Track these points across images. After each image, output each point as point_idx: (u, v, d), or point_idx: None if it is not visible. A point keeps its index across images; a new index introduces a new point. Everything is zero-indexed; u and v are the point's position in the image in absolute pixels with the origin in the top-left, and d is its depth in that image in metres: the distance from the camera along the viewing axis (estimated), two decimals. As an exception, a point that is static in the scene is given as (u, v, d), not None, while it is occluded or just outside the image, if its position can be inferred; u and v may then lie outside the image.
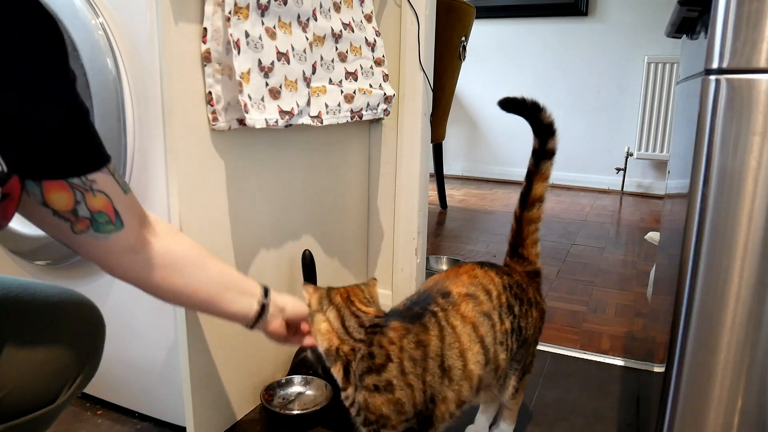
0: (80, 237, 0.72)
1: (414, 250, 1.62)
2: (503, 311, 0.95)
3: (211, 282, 0.85)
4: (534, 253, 1.08)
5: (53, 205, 0.68)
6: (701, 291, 0.74)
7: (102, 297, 1.13)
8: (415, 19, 1.47)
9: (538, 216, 1.07)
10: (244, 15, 0.99)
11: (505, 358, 0.96)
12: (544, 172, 1.05)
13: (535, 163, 1.04)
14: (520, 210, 1.07)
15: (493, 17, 3.96)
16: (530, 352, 1.04)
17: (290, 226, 1.31)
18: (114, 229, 0.73)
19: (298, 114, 1.12)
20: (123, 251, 0.75)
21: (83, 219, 0.71)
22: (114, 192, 0.72)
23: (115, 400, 1.22)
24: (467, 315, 0.88)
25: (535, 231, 1.08)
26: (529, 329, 1.01)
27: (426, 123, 1.57)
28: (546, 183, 1.06)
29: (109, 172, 0.72)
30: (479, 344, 0.88)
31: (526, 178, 1.05)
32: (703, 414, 0.78)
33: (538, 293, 1.06)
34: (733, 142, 0.70)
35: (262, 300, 0.88)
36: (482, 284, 0.94)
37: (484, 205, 3.45)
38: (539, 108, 1.02)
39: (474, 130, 4.30)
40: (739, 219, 0.71)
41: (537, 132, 1.03)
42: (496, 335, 0.91)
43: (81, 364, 0.76)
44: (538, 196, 1.06)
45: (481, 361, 0.88)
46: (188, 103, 0.98)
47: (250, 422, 1.20)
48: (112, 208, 0.72)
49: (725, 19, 0.68)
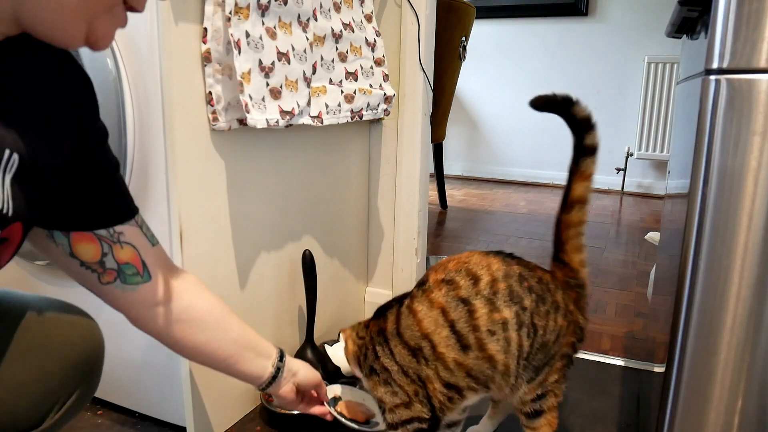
0: (107, 288, 0.72)
1: (414, 250, 1.62)
2: (499, 299, 0.88)
3: (231, 341, 0.84)
4: (577, 260, 0.98)
5: (81, 256, 0.69)
6: (701, 291, 0.74)
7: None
8: (415, 19, 1.47)
9: (579, 219, 0.97)
10: (245, 15, 0.99)
11: (499, 350, 0.88)
12: (584, 171, 0.96)
13: (575, 160, 0.97)
14: (560, 212, 0.98)
15: (494, 17, 3.95)
16: (554, 367, 0.93)
17: (290, 226, 1.31)
18: (141, 281, 0.73)
19: (298, 114, 1.12)
20: (148, 303, 0.75)
21: (110, 270, 0.71)
22: (141, 244, 0.73)
23: (116, 400, 1.22)
24: (436, 300, 0.90)
25: (575, 236, 0.98)
26: (549, 334, 0.91)
27: (426, 123, 1.57)
28: (588, 183, 0.97)
29: (137, 224, 0.73)
30: (448, 328, 0.89)
31: (567, 178, 0.98)
32: (703, 414, 0.78)
33: (574, 304, 0.95)
34: (733, 142, 0.70)
35: (277, 363, 0.89)
36: (468, 270, 0.91)
37: (484, 205, 3.45)
38: (572, 102, 0.95)
39: (474, 130, 4.30)
40: (740, 219, 0.71)
41: (572, 127, 0.97)
42: (476, 322, 0.88)
43: (72, 386, 0.71)
44: (577, 197, 0.97)
45: (454, 345, 0.89)
46: (188, 103, 0.98)
47: (250, 422, 1.20)
48: (139, 260, 0.73)
49: (725, 19, 0.68)
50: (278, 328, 1.31)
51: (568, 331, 0.93)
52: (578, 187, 0.96)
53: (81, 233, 0.68)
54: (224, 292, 1.13)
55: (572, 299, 0.95)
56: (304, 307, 1.34)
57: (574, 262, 0.98)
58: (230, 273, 1.14)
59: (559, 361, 0.94)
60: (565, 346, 0.94)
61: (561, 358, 0.94)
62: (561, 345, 0.93)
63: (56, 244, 0.68)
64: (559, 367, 0.94)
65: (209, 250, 1.08)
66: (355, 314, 1.66)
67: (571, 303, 0.95)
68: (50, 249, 0.69)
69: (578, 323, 0.96)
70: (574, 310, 0.95)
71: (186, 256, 1.02)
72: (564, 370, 0.95)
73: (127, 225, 0.71)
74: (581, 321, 0.96)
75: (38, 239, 0.69)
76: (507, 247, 2.62)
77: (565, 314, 0.93)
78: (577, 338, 0.96)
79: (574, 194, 0.97)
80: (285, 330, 1.33)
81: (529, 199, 3.61)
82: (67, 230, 0.67)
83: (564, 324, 0.92)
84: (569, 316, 0.94)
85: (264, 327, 1.25)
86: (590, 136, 0.95)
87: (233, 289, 1.15)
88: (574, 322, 0.95)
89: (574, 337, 0.95)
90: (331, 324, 1.52)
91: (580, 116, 0.95)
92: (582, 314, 0.97)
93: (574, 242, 0.98)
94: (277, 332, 1.30)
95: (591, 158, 0.96)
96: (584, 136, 0.95)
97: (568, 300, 0.94)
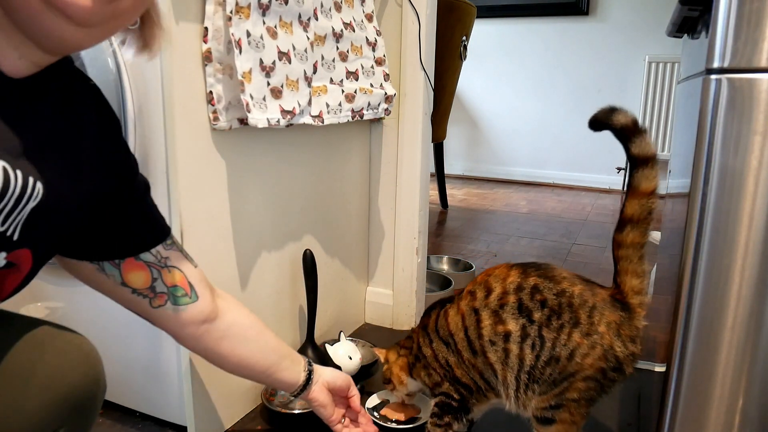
0: (158, 311, 0.76)
1: (415, 249, 1.62)
2: (506, 311, 0.92)
3: (270, 352, 0.92)
4: (630, 284, 0.89)
5: (132, 284, 0.73)
6: (702, 290, 0.74)
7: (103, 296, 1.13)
8: (416, 19, 1.47)
9: (633, 241, 0.88)
10: (246, 14, 0.99)
11: (497, 360, 0.93)
12: (637, 186, 0.86)
13: (629, 173, 0.88)
14: (614, 229, 0.90)
15: (494, 17, 3.95)
16: (574, 386, 0.89)
17: (291, 225, 1.31)
18: (189, 301, 0.78)
19: (299, 113, 1.12)
20: (197, 322, 0.80)
21: (161, 294, 0.75)
22: (186, 266, 0.78)
23: (117, 399, 1.22)
24: (461, 308, 0.99)
25: (629, 258, 0.89)
26: (560, 348, 0.88)
27: (427, 122, 1.57)
28: (643, 200, 0.86)
29: (177, 248, 0.78)
30: (463, 332, 0.98)
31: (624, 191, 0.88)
32: (703, 413, 0.78)
33: (608, 327, 0.87)
34: (734, 141, 0.70)
35: (308, 368, 0.96)
36: (487, 283, 0.97)
37: (485, 205, 3.44)
38: (612, 110, 0.87)
39: (475, 129, 4.29)
40: (740, 219, 0.71)
41: (617, 137, 0.87)
42: (481, 332, 0.94)
43: (59, 421, 0.62)
44: (629, 215, 0.88)
45: (467, 348, 0.98)
46: (189, 102, 0.98)
47: (251, 421, 1.20)
48: (186, 281, 0.78)
49: (726, 19, 0.68)
50: (279, 327, 1.31)
51: (592, 352, 0.87)
52: (631, 205, 0.88)
53: (130, 262, 0.72)
54: (225, 291, 1.13)
55: (609, 321, 0.88)
56: (304, 306, 1.34)
57: (627, 285, 0.90)
58: (231, 272, 1.14)
59: (581, 381, 0.88)
60: (589, 369, 0.87)
61: (584, 379, 0.88)
62: (582, 366, 0.87)
63: (107, 276, 0.72)
64: (581, 388, 0.89)
65: (210, 250, 1.08)
66: (355, 314, 1.66)
67: (604, 325, 0.87)
68: (101, 281, 0.73)
69: (613, 350, 0.87)
70: (606, 333, 0.87)
71: (187, 256, 1.02)
72: (588, 394, 0.89)
73: (171, 250, 0.76)
74: (617, 349, 0.87)
75: (88, 274, 0.72)
76: (507, 247, 2.63)
77: (587, 333, 0.87)
78: (609, 365, 0.87)
79: (626, 212, 0.88)
80: (286, 329, 1.33)
81: (529, 199, 3.61)
82: (107, 258, 0.71)
83: (582, 342, 0.87)
84: (594, 338, 0.87)
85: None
86: (636, 144, 0.85)
87: (234, 289, 1.15)
88: (604, 346, 0.87)
89: (603, 362, 0.87)
90: (332, 323, 1.52)
91: (620, 124, 0.86)
92: (621, 342, 0.87)
93: (628, 264, 0.89)
94: (278, 332, 1.30)
95: (643, 170, 0.86)
96: (630, 145, 0.86)
97: (601, 320, 0.87)
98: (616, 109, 0.87)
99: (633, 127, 0.85)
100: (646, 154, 0.85)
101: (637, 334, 0.89)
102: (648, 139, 0.85)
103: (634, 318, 0.89)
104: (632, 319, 0.89)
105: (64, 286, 1.19)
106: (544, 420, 0.93)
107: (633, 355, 0.88)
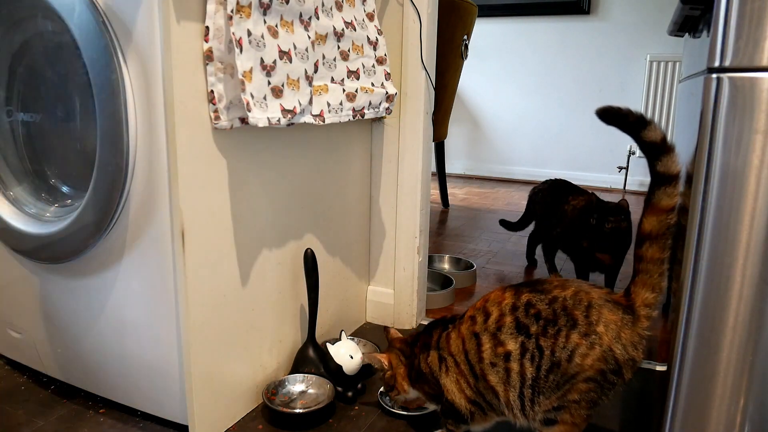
0: None
1: (416, 248, 1.62)
2: (504, 332, 0.94)
3: None
4: (642, 297, 0.89)
5: None
6: (703, 290, 0.74)
7: (104, 295, 1.14)
8: (417, 18, 1.47)
9: (653, 256, 0.87)
10: (246, 14, 0.99)
11: (498, 381, 0.95)
12: (657, 202, 0.85)
13: (650, 188, 0.86)
14: (634, 245, 0.90)
15: (496, 16, 3.95)
16: (575, 387, 0.89)
17: (292, 224, 1.31)
18: None
19: (300, 113, 1.12)
20: None
21: None
22: None
23: (118, 398, 1.22)
24: (462, 331, 1.01)
25: (647, 273, 0.88)
26: (559, 352, 0.88)
27: (428, 121, 1.57)
28: (662, 217, 0.85)
29: None
30: (463, 355, 1.00)
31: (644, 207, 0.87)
32: (705, 413, 0.78)
33: (606, 327, 0.87)
34: (735, 140, 0.69)
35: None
36: (484, 308, 0.99)
37: (486, 204, 3.44)
38: (644, 123, 0.85)
39: (476, 128, 4.29)
40: (742, 217, 0.71)
41: (644, 151, 0.86)
42: (482, 355, 0.96)
43: None
44: (647, 231, 0.86)
45: (466, 371, 1.00)
46: (190, 101, 0.98)
47: (251, 421, 1.20)
48: None
49: (728, 18, 0.68)
50: (280, 326, 1.31)
51: (592, 353, 0.87)
52: (649, 221, 0.86)
53: None
54: (226, 290, 1.13)
55: (608, 321, 0.88)
56: (305, 305, 1.35)
57: (639, 296, 0.89)
58: (232, 271, 1.14)
59: (582, 383, 0.89)
60: (589, 370, 0.88)
61: (585, 381, 0.88)
62: (582, 366, 0.88)
63: None
64: (582, 389, 0.89)
65: (211, 249, 1.08)
66: (356, 313, 1.66)
67: (602, 325, 0.87)
68: None
69: (612, 351, 0.87)
70: (604, 333, 0.87)
71: (188, 254, 1.02)
72: (588, 396, 0.89)
73: None
74: (617, 351, 0.87)
75: None
76: (508, 246, 2.63)
77: (585, 333, 0.88)
78: (608, 367, 0.88)
79: (644, 228, 0.87)
80: (287, 328, 1.34)
81: (530, 198, 3.61)
82: None
83: (580, 342, 0.88)
84: (593, 338, 0.87)
85: (266, 325, 1.25)
86: (664, 162, 0.84)
87: (235, 287, 1.15)
88: (603, 347, 0.87)
89: (603, 364, 0.87)
90: (333, 322, 1.52)
91: (650, 139, 0.84)
92: (621, 345, 0.87)
93: (647, 278, 0.89)
94: (279, 330, 1.30)
95: (666, 188, 0.84)
96: (656, 163, 0.85)
97: (599, 319, 0.88)
98: (647, 122, 0.85)
99: (662, 146, 0.84)
100: (670, 173, 0.84)
101: (639, 341, 0.89)
102: (675, 157, 0.83)
103: (637, 324, 0.89)
104: (636, 326, 0.89)
105: (68, 284, 1.19)
106: (546, 421, 0.94)
107: (633, 360, 0.89)
